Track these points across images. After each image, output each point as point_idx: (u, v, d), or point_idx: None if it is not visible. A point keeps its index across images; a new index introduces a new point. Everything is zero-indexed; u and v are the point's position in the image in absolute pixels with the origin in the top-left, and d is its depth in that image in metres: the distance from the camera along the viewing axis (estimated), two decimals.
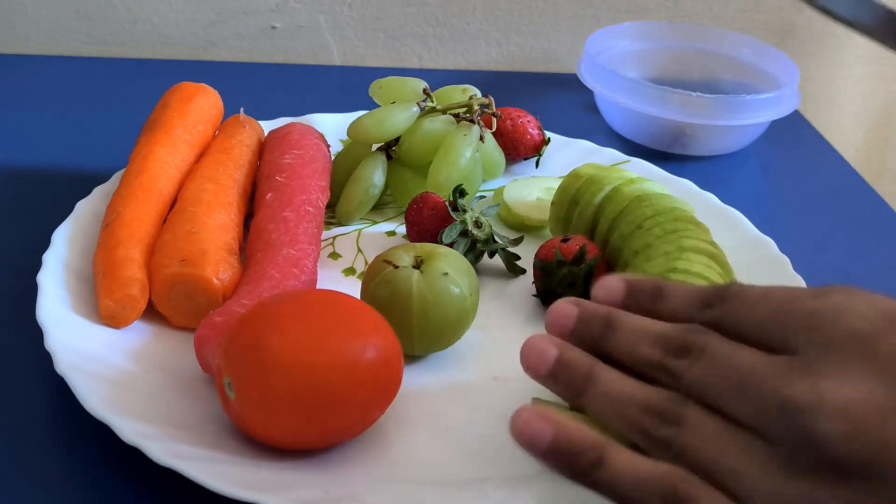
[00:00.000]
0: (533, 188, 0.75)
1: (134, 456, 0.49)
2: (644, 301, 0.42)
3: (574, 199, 0.68)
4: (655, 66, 0.98)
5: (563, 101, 1.00)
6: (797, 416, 0.34)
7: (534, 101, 0.97)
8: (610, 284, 0.43)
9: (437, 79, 0.82)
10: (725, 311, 0.39)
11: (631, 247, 0.63)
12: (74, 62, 1.02)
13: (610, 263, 0.65)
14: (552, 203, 0.70)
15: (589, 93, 0.94)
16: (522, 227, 0.73)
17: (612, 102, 0.89)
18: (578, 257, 0.63)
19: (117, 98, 0.94)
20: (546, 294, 0.64)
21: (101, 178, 0.71)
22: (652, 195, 0.66)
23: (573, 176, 0.70)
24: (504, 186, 0.75)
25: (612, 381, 0.39)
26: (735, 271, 0.61)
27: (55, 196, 0.72)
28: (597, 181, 0.68)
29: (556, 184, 0.73)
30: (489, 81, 1.01)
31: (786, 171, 0.91)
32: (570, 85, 0.98)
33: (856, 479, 0.33)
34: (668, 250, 0.60)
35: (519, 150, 0.80)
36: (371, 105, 0.78)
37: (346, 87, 1.00)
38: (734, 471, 0.35)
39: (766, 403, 0.35)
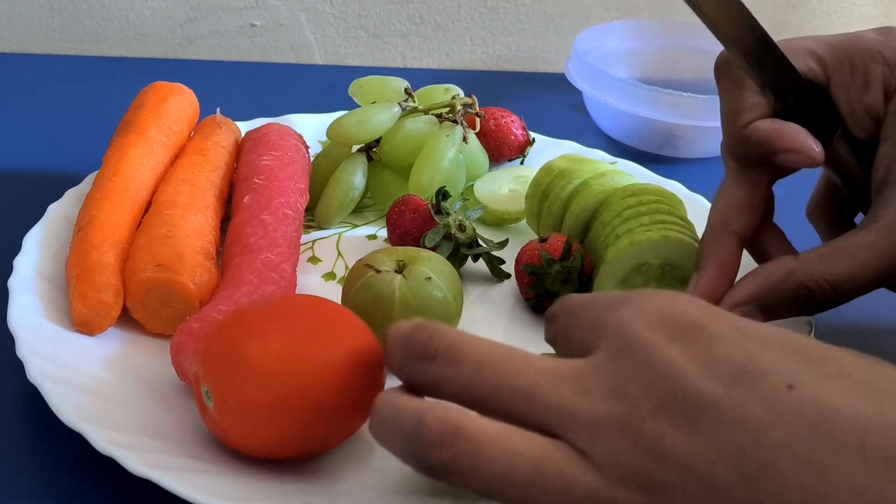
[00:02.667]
0: (502, 181, 0.76)
1: (109, 466, 0.48)
2: None
3: (545, 193, 0.69)
4: (646, 65, 0.99)
5: (550, 101, 1.00)
6: (577, 428, 0.37)
7: (520, 102, 0.97)
8: None
9: (421, 78, 0.82)
10: (557, 327, 0.43)
11: (616, 232, 0.63)
12: (47, 60, 1.02)
13: (591, 254, 0.65)
14: (526, 197, 0.71)
15: (577, 93, 0.94)
16: (503, 222, 0.73)
17: (601, 103, 0.90)
18: (566, 251, 0.63)
19: (91, 98, 0.94)
20: (541, 297, 0.64)
21: (74, 181, 0.71)
22: (637, 187, 0.66)
23: (546, 169, 0.70)
24: (473, 185, 0.76)
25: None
26: None
27: (26, 199, 0.72)
28: (567, 175, 0.68)
29: (525, 173, 0.74)
30: (474, 81, 1.02)
31: None
32: (557, 85, 0.98)
33: (646, 491, 0.35)
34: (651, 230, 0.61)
35: (503, 150, 0.80)
36: (351, 105, 0.78)
37: (328, 86, 1.00)
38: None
39: (543, 410, 0.38)
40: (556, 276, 0.63)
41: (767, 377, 0.35)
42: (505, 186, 0.76)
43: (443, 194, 0.68)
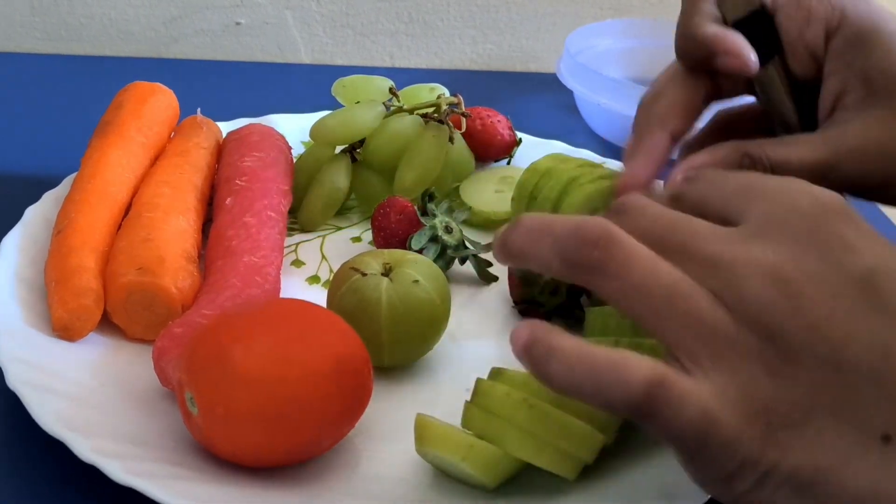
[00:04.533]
0: (488, 182, 0.76)
1: (91, 474, 0.48)
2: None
3: (532, 194, 0.69)
4: (639, 65, 0.99)
5: (542, 101, 1.01)
6: (721, 272, 0.39)
7: (511, 102, 0.98)
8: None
9: (410, 78, 0.82)
10: (691, 189, 0.45)
11: None
12: (28, 59, 1.02)
13: None
14: (512, 199, 0.71)
15: (569, 93, 0.94)
16: (490, 224, 0.74)
17: (594, 103, 0.90)
18: None
19: (72, 97, 0.94)
20: (527, 304, 0.65)
21: (52, 183, 0.71)
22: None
23: (531, 170, 0.70)
24: (458, 186, 0.76)
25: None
26: None
27: (3, 201, 0.72)
28: (554, 175, 0.68)
29: (511, 173, 0.74)
30: (464, 81, 1.02)
31: None
32: (549, 85, 0.98)
33: (769, 341, 0.38)
34: None
35: (489, 151, 0.80)
36: (336, 105, 0.79)
37: (314, 86, 1.00)
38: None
39: (693, 258, 0.40)
40: (544, 287, 0.63)
41: None
42: (491, 187, 0.76)
43: (429, 196, 0.68)
